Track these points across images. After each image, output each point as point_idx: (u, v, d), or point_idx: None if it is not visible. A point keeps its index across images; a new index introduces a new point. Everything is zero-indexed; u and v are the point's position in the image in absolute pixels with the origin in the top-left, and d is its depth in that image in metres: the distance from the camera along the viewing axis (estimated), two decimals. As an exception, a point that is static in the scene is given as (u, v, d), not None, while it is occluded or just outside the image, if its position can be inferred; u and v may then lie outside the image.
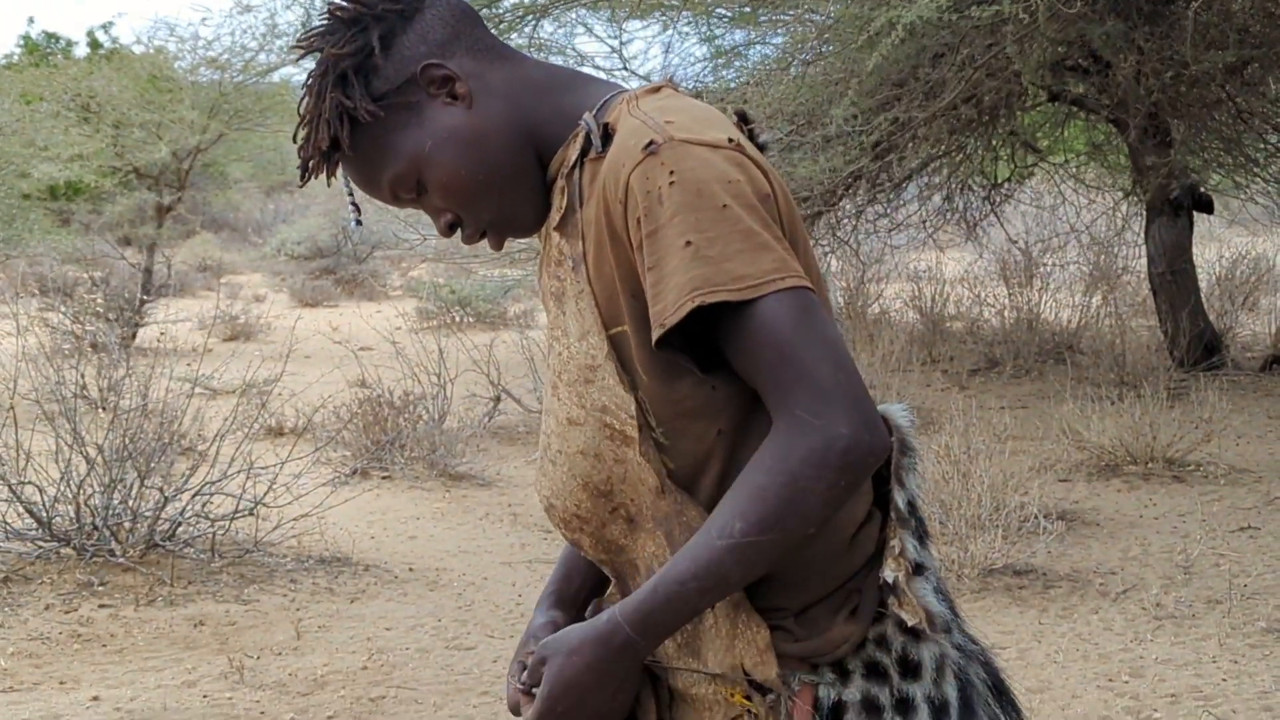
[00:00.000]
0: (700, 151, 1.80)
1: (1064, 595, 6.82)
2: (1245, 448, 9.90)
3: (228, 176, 26.09)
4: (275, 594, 6.94)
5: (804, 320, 1.76)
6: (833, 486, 1.74)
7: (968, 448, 7.82)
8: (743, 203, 1.78)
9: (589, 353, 1.89)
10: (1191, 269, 13.30)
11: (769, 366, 1.76)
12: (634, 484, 1.89)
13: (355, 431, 9.86)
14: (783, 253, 1.78)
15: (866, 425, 1.75)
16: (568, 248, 1.93)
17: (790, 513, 1.74)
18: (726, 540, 1.76)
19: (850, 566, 1.89)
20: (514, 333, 14.76)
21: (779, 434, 1.75)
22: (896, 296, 16.12)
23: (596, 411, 1.89)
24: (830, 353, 1.76)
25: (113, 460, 7.16)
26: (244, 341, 16.97)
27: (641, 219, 1.78)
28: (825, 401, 1.73)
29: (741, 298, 1.74)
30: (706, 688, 1.87)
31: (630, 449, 1.87)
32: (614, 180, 1.83)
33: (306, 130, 1.99)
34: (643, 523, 1.91)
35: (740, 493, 1.77)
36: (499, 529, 8.43)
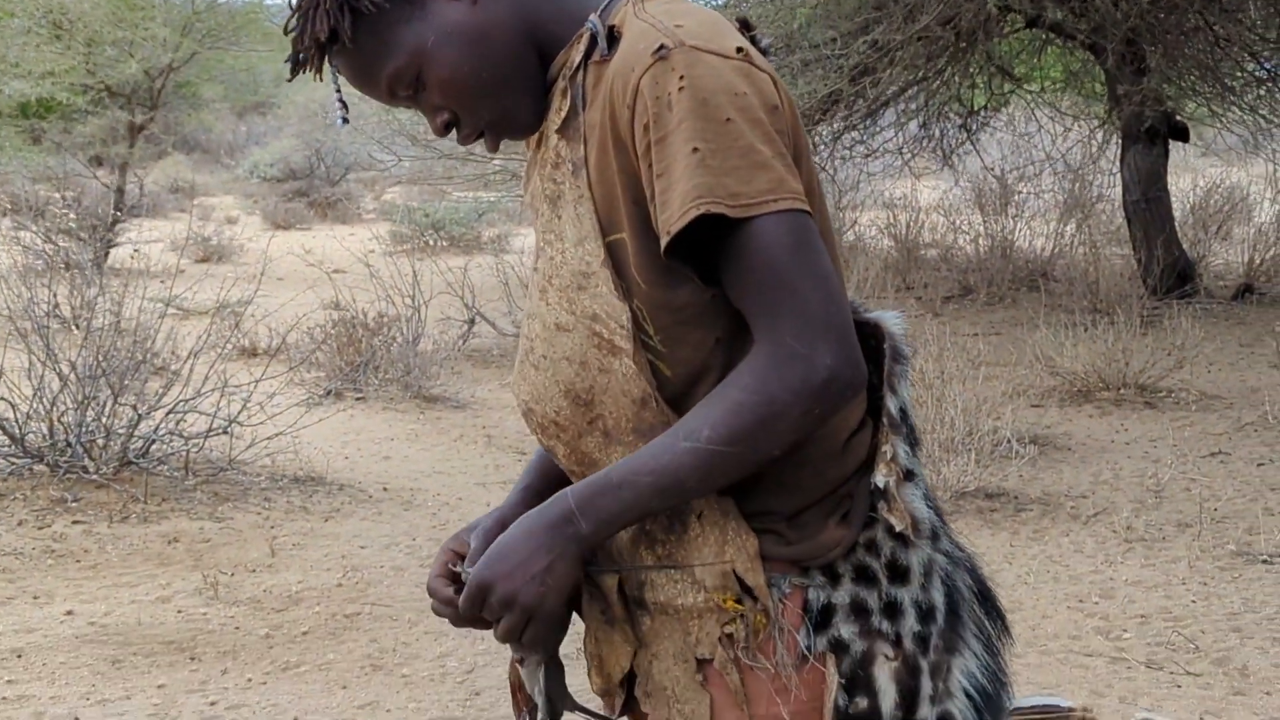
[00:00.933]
0: (710, 59, 1.77)
1: (1035, 518, 6.86)
2: (1217, 374, 9.95)
3: (200, 97, 25.86)
4: (249, 512, 6.95)
5: (798, 246, 1.74)
6: (806, 414, 1.73)
7: (941, 373, 7.86)
8: (747, 117, 1.75)
9: (584, 259, 1.86)
10: (1166, 197, 13.31)
11: (758, 289, 1.75)
12: (616, 395, 1.87)
13: (329, 353, 9.84)
14: (782, 172, 1.75)
15: (849, 360, 1.74)
16: (568, 151, 1.89)
17: (760, 433, 1.74)
18: (691, 443, 1.75)
19: (843, 471, 1.89)
20: (489, 256, 14.74)
21: (762, 355, 1.75)
22: (872, 223, 16.11)
23: (586, 319, 1.87)
24: (822, 283, 1.75)
25: (86, 378, 7.14)
26: (216, 263, 16.90)
27: (650, 124, 1.75)
28: (813, 331, 1.73)
29: (735, 215, 1.72)
30: (696, 596, 1.86)
31: (617, 359, 1.85)
32: (622, 84, 1.79)
33: (302, 21, 1.93)
34: (620, 435, 1.88)
35: (715, 403, 1.76)
36: (473, 450, 8.44)
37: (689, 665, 1.87)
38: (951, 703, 1.91)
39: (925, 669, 1.88)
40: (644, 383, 1.85)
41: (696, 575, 1.85)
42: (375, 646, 5.30)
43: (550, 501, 1.84)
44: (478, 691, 4.87)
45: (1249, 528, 6.61)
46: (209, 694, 4.85)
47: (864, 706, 1.85)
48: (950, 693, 1.91)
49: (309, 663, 5.15)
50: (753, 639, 1.84)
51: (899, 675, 1.87)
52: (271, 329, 10.07)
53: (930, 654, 1.89)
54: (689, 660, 1.87)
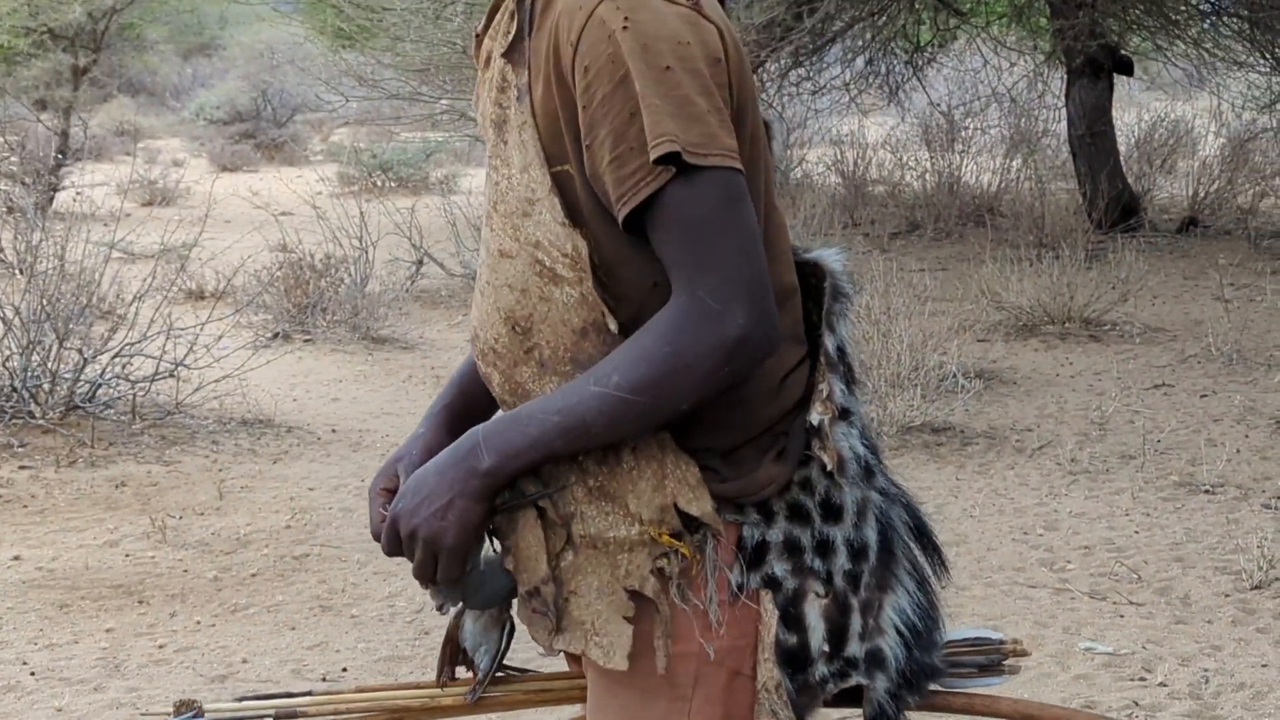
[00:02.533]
0: (656, 4, 1.76)
1: (981, 452, 6.92)
2: (1161, 308, 10.03)
3: (144, 39, 25.61)
4: (197, 455, 6.94)
5: (723, 204, 1.74)
6: (714, 372, 1.74)
7: (888, 308, 7.89)
8: (687, 67, 1.74)
9: (529, 185, 1.85)
10: (1110, 132, 13.37)
11: (680, 243, 1.75)
12: (555, 324, 1.87)
13: (276, 295, 9.80)
14: (715, 126, 1.74)
15: (763, 321, 1.75)
16: (513, 76, 1.88)
17: (667, 384, 1.74)
18: (599, 388, 1.76)
19: (779, 409, 1.89)
20: (436, 197, 14.66)
21: (678, 308, 1.75)
22: (819, 160, 16.12)
23: (530, 246, 1.86)
24: (742, 243, 1.75)
25: (30, 322, 7.10)
26: (162, 206, 16.75)
27: (596, 67, 1.74)
28: (729, 290, 1.73)
29: (688, 160, 1.72)
30: (629, 529, 1.85)
31: (558, 288, 1.85)
32: (568, 20, 1.78)
33: None
34: (556, 365, 1.88)
35: (627, 350, 1.77)
36: (422, 391, 8.43)
37: (615, 598, 1.86)
38: (882, 639, 1.93)
39: (855, 606, 1.90)
40: (587, 311, 1.84)
41: (631, 507, 1.85)
42: (324, 588, 5.31)
43: (463, 437, 1.85)
44: (426, 631, 4.88)
45: (1191, 459, 6.68)
46: (157, 637, 4.85)
47: (793, 643, 1.87)
48: (881, 629, 1.93)
49: (257, 605, 5.16)
50: (686, 574, 1.84)
51: (828, 612, 1.88)
52: (218, 272, 10.01)
53: (861, 591, 1.91)
54: (615, 594, 1.86)
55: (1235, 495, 6.20)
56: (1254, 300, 10.14)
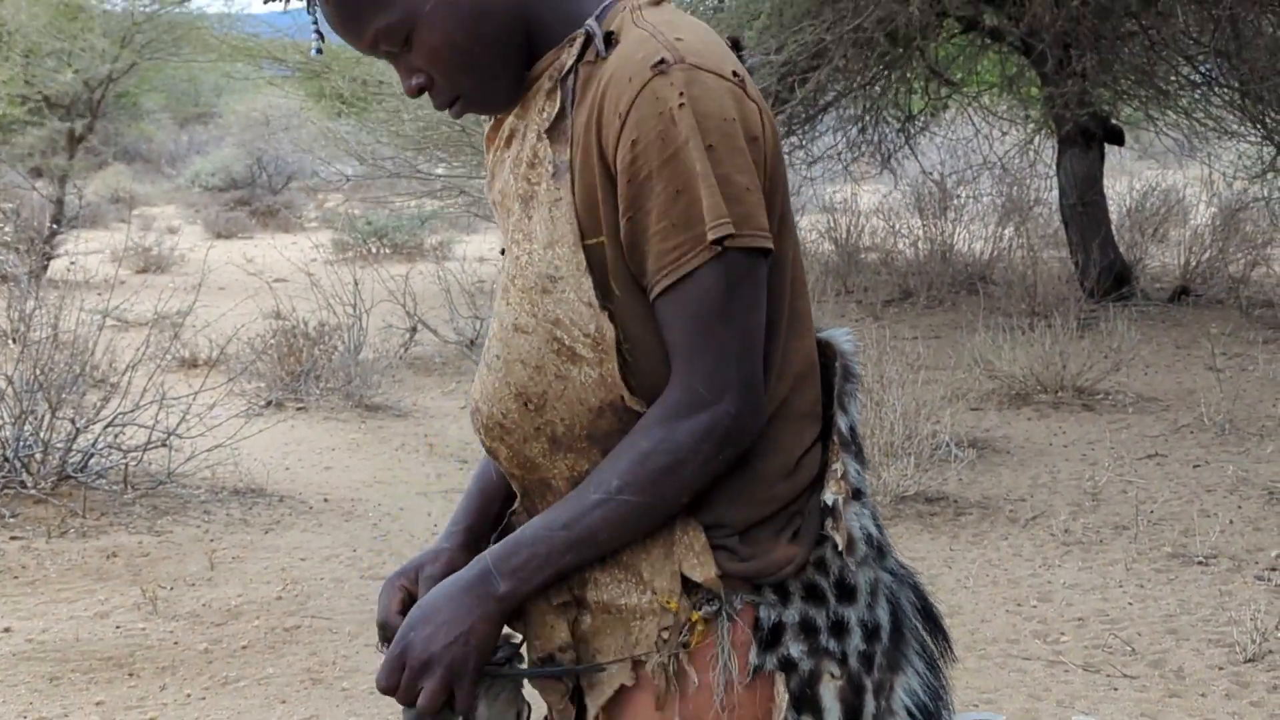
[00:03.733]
0: (709, 79, 1.78)
1: (974, 522, 6.91)
2: (1153, 377, 10.04)
3: (140, 107, 25.74)
4: (189, 525, 6.92)
5: (735, 289, 1.77)
6: (710, 460, 1.78)
7: (881, 376, 7.89)
8: (731, 145, 1.77)
9: (553, 262, 1.85)
10: (1102, 201, 13.42)
11: (685, 322, 1.78)
12: (571, 402, 1.87)
13: (270, 363, 9.81)
14: (753, 206, 1.77)
15: (753, 409, 1.79)
16: (550, 153, 1.87)
17: (667, 480, 1.78)
18: (601, 495, 1.79)
19: (794, 488, 1.89)
20: (431, 264, 14.69)
21: (671, 401, 1.79)
22: (812, 228, 16.16)
23: (548, 323, 1.86)
24: (745, 332, 1.78)
25: (23, 391, 7.09)
26: (157, 273, 16.80)
27: (646, 140, 1.76)
28: (725, 382, 1.77)
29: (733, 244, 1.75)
30: (640, 596, 1.85)
31: (576, 366, 1.85)
32: (616, 93, 1.79)
33: None
34: (571, 443, 1.88)
35: (624, 452, 1.80)
36: (415, 459, 8.42)
37: (626, 665, 1.87)
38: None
39: (869, 687, 1.90)
40: (605, 391, 1.85)
41: (644, 575, 1.85)
42: (315, 660, 5.29)
43: (472, 563, 1.86)
44: (418, 703, 4.85)
45: (1185, 529, 6.68)
46: (148, 710, 4.83)
47: None
48: (892, 710, 1.93)
49: (248, 677, 5.13)
50: (690, 643, 1.84)
51: (844, 694, 1.88)
52: (211, 339, 10.02)
53: (874, 672, 1.91)
54: (625, 659, 1.87)
55: (1229, 566, 6.19)
56: (1246, 370, 10.16)
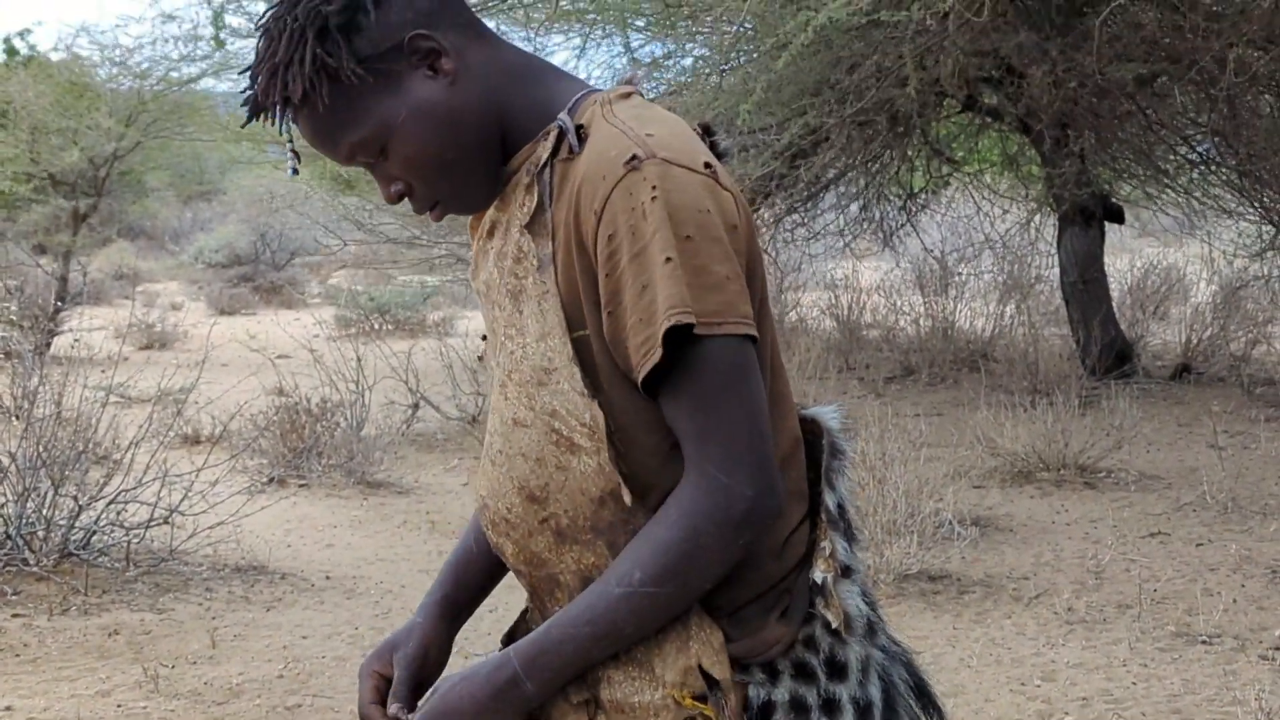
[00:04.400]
0: (680, 174, 1.79)
1: (978, 600, 6.89)
2: (1155, 455, 10.04)
3: (144, 185, 25.84)
4: (190, 603, 6.91)
5: (734, 374, 1.78)
6: (730, 546, 1.78)
7: (883, 454, 7.89)
8: (708, 235, 1.77)
9: (546, 355, 1.86)
10: (1103, 278, 13.45)
11: (690, 412, 1.78)
12: (572, 494, 1.87)
13: (272, 439, 9.81)
14: (734, 295, 1.78)
15: (769, 490, 1.79)
16: (532, 246, 1.89)
17: (689, 568, 1.77)
18: (623, 588, 1.79)
19: (783, 567, 1.90)
20: (433, 340, 14.72)
21: (688, 487, 1.78)
22: (814, 304, 16.21)
23: (545, 415, 1.87)
24: (749, 414, 1.78)
25: (26, 468, 7.10)
26: (160, 350, 16.86)
27: (617, 235, 1.77)
28: (736, 462, 1.77)
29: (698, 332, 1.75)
30: (653, 693, 1.85)
31: (575, 457, 1.86)
32: (590, 190, 1.80)
33: (270, 74, 1.90)
34: (576, 535, 1.89)
35: (643, 542, 1.80)
36: (416, 536, 8.41)
37: None
38: (886, 799, 1.94)
39: (861, 766, 1.91)
40: (604, 481, 1.85)
41: (656, 671, 1.85)
42: (317, 738, 5.28)
43: (496, 665, 1.86)
44: (420, 783, 4.84)
45: (1188, 608, 6.66)
46: (149, 789, 4.81)
47: None
48: (886, 787, 1.94)
49: (250, 756, 5.12)
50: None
51: (837, 772, 1.88)
52: (214, 416, 10.04)
53: (866, 751, 1.92)
54: None
55: (1233, 646, 6.17)
56: (1248, 448, 10.16)
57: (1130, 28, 10.21)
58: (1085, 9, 10.79)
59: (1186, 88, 11.47)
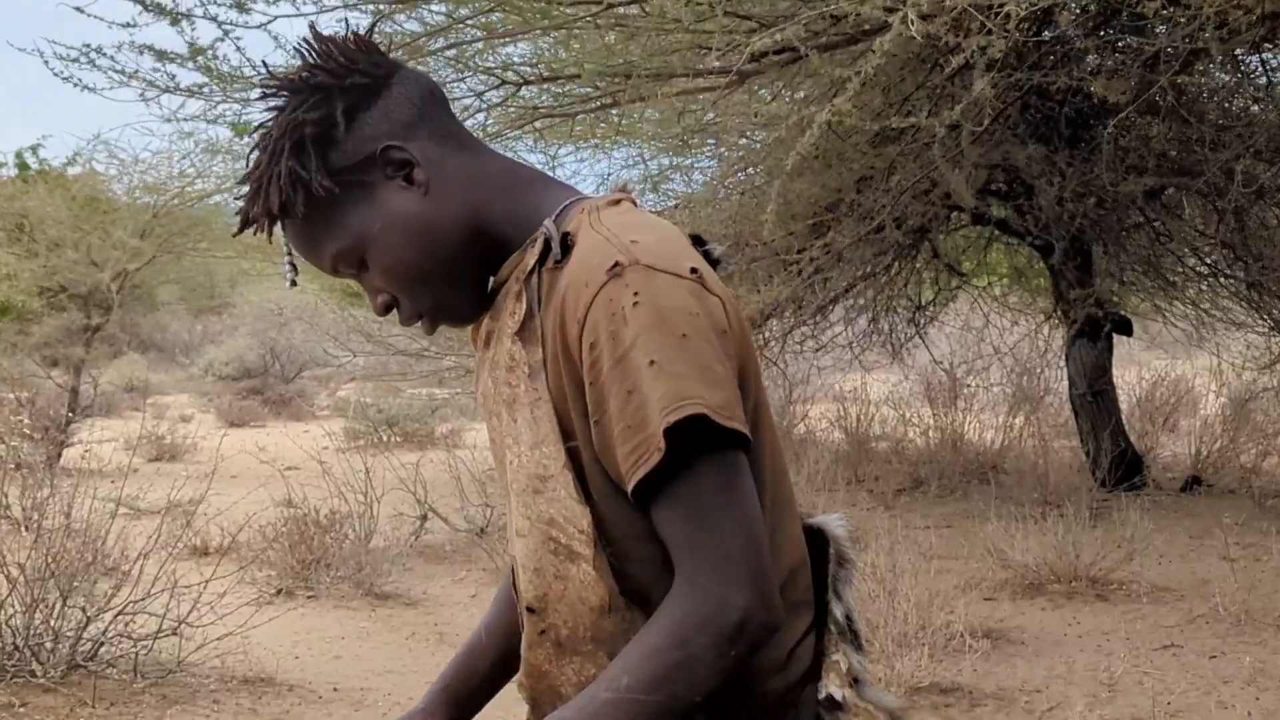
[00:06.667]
0: (664, 279, 1.76)
1: (990, 713, 6.84)
2: (1167, 566, 9.99)
3: (156, 298, 25.98)
4: (198, 715, 6.86)
5: (724, 481, 1.74)
6: (723, 657, 1.72)
7: (894, 566, 7.86)
8: (702, 336, 1.75)
9: (540, 463, 1.84)
10: (1112, 390, 13.46)
11: (680, 520, 1.75)
12: (573, 603, 1.85)
13: (281, 551, 9.79)
14: (732, 394, 1.76)
15: (764, 602, 1.73)
16: (524, 354, 1.88)
17: (679, 677, 1.72)
18: (611, 693, 1.74)
19: (787, 680, 1.88)
20: (441, 452, 14.72)
21: (678, 596, 1.74)
22: (822, 417, 16.21)
23: (542, 524, 1.85)
24: (742, 522, 1.74)
25: (34, 580, 7.08)
26: (170, 461, 16.86)
27: (600, 342, 1.75)
28: (728, 572, 1.72)
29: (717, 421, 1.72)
30: None
31: (574, 565, 1.83)
32: (574, 298, 1.79)
33: (255, 187, 1.93)
34: (576, 646, 1.87)
35: (634, 649, 1.75)
36: (425, 648, 8.37)
37: None
38: None
39: None
40: (603, 589, 1.83)
41: None
42: None
43: None
44: None
45: (1202, 721, 6.61)
46: None
47: None
48: None
49: None
50: None
51: None
52: (223, 528, 10.02)
53: None
54: None
55: (1248, 759, 6.12)
56: (1260, 560, 10.10)
57: (1139, 140, 10.29)
58: (1093, 121, 10.89)
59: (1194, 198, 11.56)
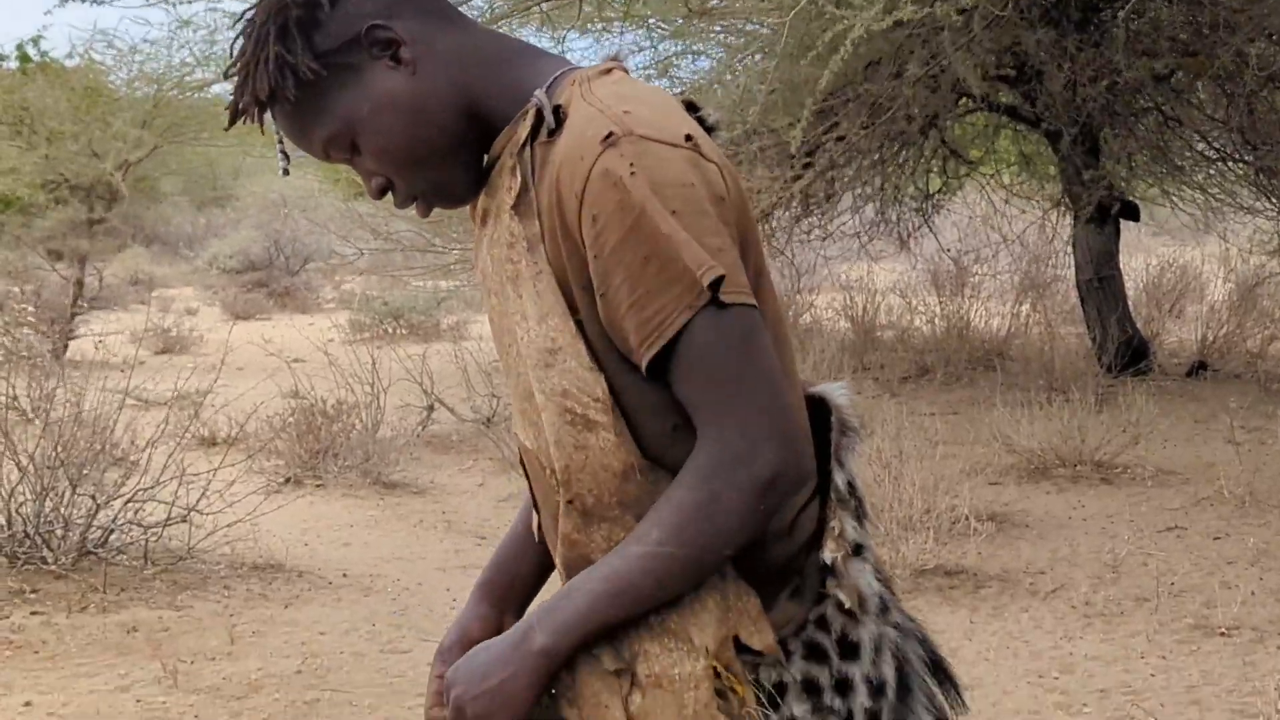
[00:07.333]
0: (659, 149, 1.75)
1: (994, 595, 6.88)
2: (1172, 450, 10.02)
3: (159, 190, 25.89)
4: (209, 600, 6.92)
5: (743, 341, 1.74)
6: (752, 510, 1.73)
7: (899, 451, 7.89)
8: (695, 209, 1.73)
9: (549, 335, 1.83)
10: (1119, 276, 13.43)
11: (702, 382, 1.74)
12: (594, 471, 1.84)
13: (288, 440, 9.83)
14: (733, 261, 1.75)
15: (793, 457, 1.74)
16: (521, 229, 1.86)
17: (707, 529, 1.73)
18: (641, 548, 1.75)
19: (792, 547, 1.87)
20: (447, 343, 14.73)
21: (705, 451, 1.74)
22: (828, 306, 16.19)
23: (557, 396, 1.84)
24: (766, 379, 1.74)
25: (44, 468, 7.11)
26: (176, 354, 16.88)
27: (604, 217, 1.74)
28: (756, 427, 1.72)
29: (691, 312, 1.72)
30: (693, 664, 1.81)
31: (593, 434, 1.82)
32: (570, 172, 1.77)
33: (243, 75, 1.93)
34: (603, 512, 1.85)
35: (664, 505, 1.76)
36: (433, 536, 8.42)
37: None
38: (901, 778, 1.93)
39: (876, 745, 1.89)
40: (624, 454, 1.82)
41: (695, 641, 1.81)
42: (335, 732, 5.29)
43: (517, 636, 1.83)
44: (438, 776, 4.84)
45: (1206, 601, 6.64)
46: (168, 783, 4.82)
47: None
48: (900, 766, 1.93)
49: (269, 750, 5.13)
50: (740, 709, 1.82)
51: (849, 753, 1.86)
52: (231, 418, 10.05)
53: (880, 729, 1.90)
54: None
55: (1251, 638, 6.16)
56: (1265, 443, 10.13)
57: (1149, 25, 10.20)
58: (1102, 5, 10.79)
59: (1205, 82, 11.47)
